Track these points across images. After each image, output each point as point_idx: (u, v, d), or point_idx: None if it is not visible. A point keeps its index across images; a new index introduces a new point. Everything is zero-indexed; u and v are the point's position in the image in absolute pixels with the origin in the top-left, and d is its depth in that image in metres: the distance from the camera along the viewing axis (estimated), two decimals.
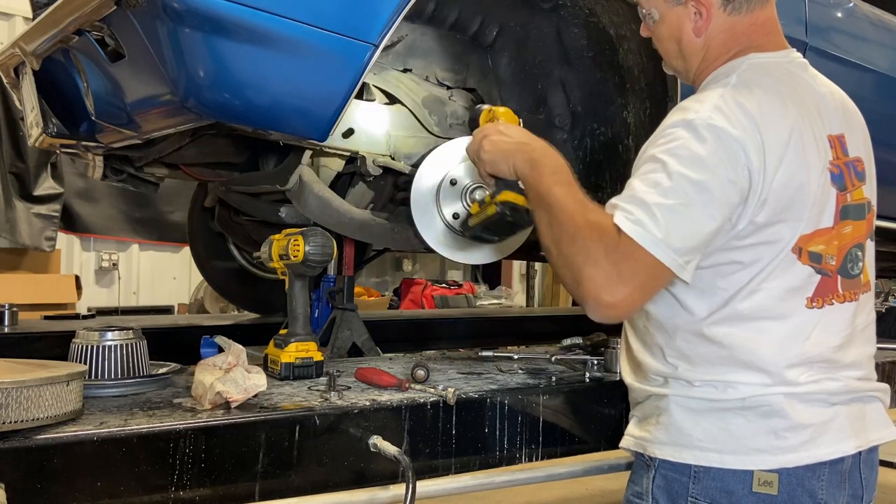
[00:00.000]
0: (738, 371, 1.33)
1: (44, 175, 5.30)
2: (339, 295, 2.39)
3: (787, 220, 1.31)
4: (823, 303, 1.36)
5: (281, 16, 1.43)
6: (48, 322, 2.81)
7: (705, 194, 1.24)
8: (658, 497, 1.40)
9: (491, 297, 7.70)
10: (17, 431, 1.16)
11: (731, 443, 1.33)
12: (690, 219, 1.24)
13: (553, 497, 3.79)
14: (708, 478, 1.34)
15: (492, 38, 2.06)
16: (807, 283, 1.35)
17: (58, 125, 1.86)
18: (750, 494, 1.32)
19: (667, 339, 1.40)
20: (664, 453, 1.39)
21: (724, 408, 1.34)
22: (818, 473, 1.32)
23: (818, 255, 1.35)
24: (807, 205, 1.32)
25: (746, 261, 1.32)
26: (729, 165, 1.25)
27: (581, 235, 1.25)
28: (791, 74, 1.42)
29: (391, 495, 1.46)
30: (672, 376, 1.39)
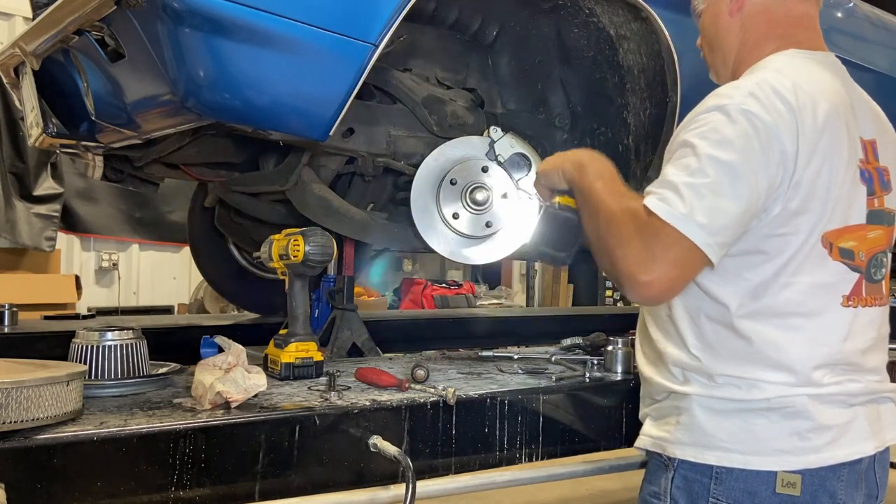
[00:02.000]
0: (763, 370, 1.33)
1: (44, 175, 5.31)
2: (339, 295, 2.39)
3: (814, 209, 1.31)
4: (858, 302, 1.37)
5: (281, 16, 1.43)
6: (48, 322, 2.81)
7: (732, 174, 1.25)
8: (677, 497, 1.39)
9: (491, 297, 7.71)
10: (17, 431, 1.16)
11: (755, 444, 1.33)
12: (716, 197, 1.25)
13: (553, 497, 3.79)
14: (731, 478, 1.34)
15: (492, 38, 2.06)
16: (841, 280, 1.35)
17: (58, 125, 1.86)
18: (773, 495, 1.32)
19: (693, 328, 1.39)
20: (685, 454, 1.38)
21: (747, 409, 1.34)
22: (838, 474, 1.33)
23: (850, 251, 1.35)
24: (835, 198, 1.33)
25: (772, 251, 1.32)
26: (759, 150, 1.26)
27: (615, 220, 1.30)
28: (830, 72, 1.43)
29: (391, 495, 1.46)
30: (693, 369, 1.39)
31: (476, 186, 1.79)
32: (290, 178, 1.95)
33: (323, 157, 1.97)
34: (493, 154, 1.81)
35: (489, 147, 1.81)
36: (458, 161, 1.80)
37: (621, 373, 1.91)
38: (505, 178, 1.81)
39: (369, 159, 1.89)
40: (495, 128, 1.85)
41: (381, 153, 1.90)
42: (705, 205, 1.24)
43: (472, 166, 1.80)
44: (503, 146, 1.82)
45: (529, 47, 2.06)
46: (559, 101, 2.10)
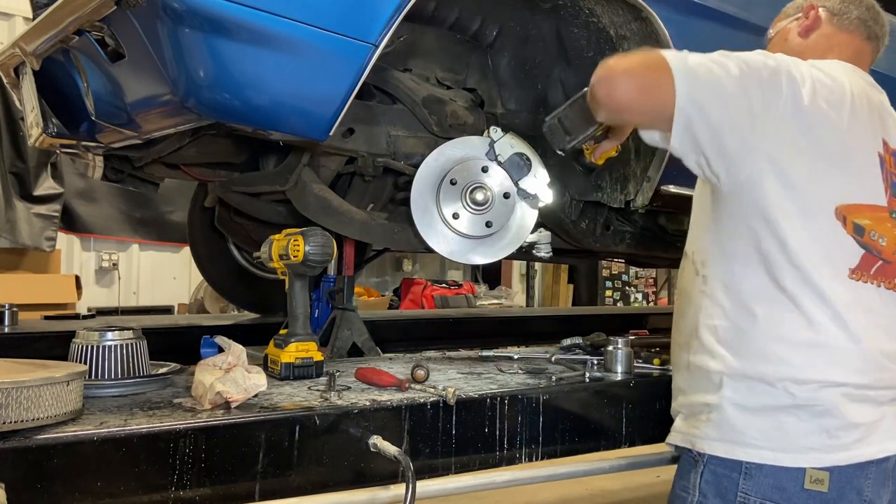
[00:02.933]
0: (793, 366, 1.36)
1: (44, 175, 5.31)
2: (339, 295, 2.39)
3: (827, 173, 1.38)
4: (869, 280, 1.40)
5: (281, 16, 1.43)
6: (48, 322, 2.81)
7: (740, 64, 1.36)
8: (706, 491, 1.42)
9: (491, 297, 7.70)
10: (17, 431, 1.16)
11: (785, 441, 1.35)
12: (717, 65, 1.36)
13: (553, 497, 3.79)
14: (760, 475, 1.36)
15: (492, 38, 2.06)
16: (852, 255, 1.39)
17: (58, 125, 1.86)
18: (801, 492, 1.34)
19: (725, 318, 1.44)
20: (715, 449, 1.41)
21: (777, 406, 1.36)
22: (866, 472, 1.35)
23: (861, 227, 1.39)
24: (849, 170, 1.39)
25: (779, 217, 1.36)
26: (774, 77, 1.37)
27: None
28: (864, 79, 1.53)
29: (391, 495, 1.46)
30: (726, 363, 1.42)
31: (476, 186, 1.79)
32: (290, 178, 1.95)
33: (323, 157, 1.97)
34: (493, 154, 1.81)
35: (489, 147, 1.81)
36: (458, 161, 1.80)
37: (621, 373, 1.91)
38: (505, 178, 1.81)
39: (369, 159, 1.89)
40: (495, 128, 1.84)
41: (381, 153, 1.90)
42: (702, 60, 1.36)
43: (472, 166, 1.80)
44: (503, 146, 1.82)
45: (529, 47, 2.06)
46: (559, 101, 2.10)
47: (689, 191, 2.13)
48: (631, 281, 9.33)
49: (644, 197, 2.09)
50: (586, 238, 2.24)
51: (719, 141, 1.36)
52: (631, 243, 2.38)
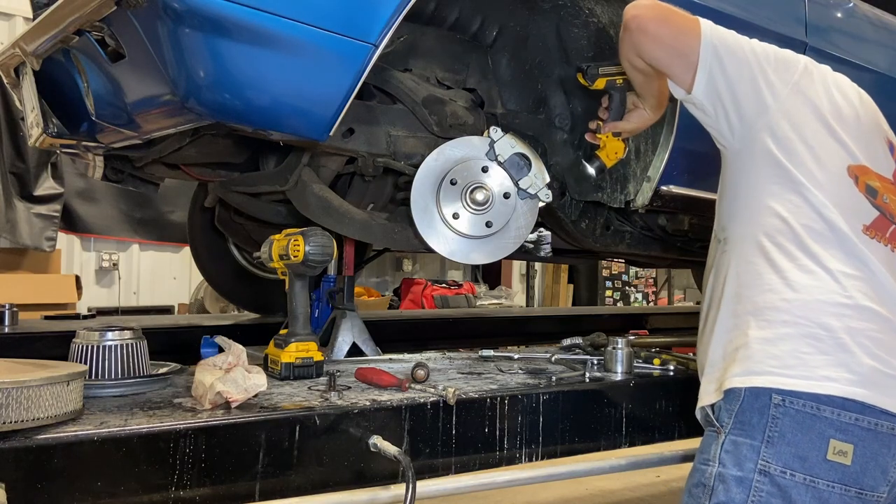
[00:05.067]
0: (812, 303, 1.40)
1: (44, 175, 5.30)
2: (339, 295, 2.39)
3: (839, 135, 1.48)
4: (884, 241, 1.45)
5: (281, 16, 1.43)
6: (48, 322, 2.81)
7: (763, 42, 1.52)
8: (725, 461, 1.39)
9: (491, 297, 7.70)
10: (17, 431, 1.16)
11: (804, 369, 1.35)
12: (742, 36, 1.51)
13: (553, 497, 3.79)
14: (782, 443, 1.35)
15: (492, 38, 2.06)
16: (865, 213, 1.45)
17: (58, 125, 1.86)
18: (823, 462, 1.33)
19: (746, 265, 1.49)
20: (734, 383, 1.40)
21: (798, 335, 1.38)
22: (893, 450, 1.34)
23: (874, 189, 1.46)
24: (860, 139, 1.49)
25: (794, 165, 1.45)
26: (794, 56, 1.54)
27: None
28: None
29: (391, 495, 1.46)
30: (752, 302, 1.46)
31: (476, 186, 1.79)
32: (290, 178, 1.95)
33: (323, 157, 1.97)
34: (493, 154, 1.81)
35: (489, 147, 1.81)
36: (458, 161, 1.80)
37: (621, 373, 1.91)
38: (505, 178, 1.81)
39: (369, 159, 1.89)
40: (495, 128, 1.84)
41: (381, 153, 1.89)
42: (731, 33, 1.50)
43: (472, 166, 1.80)
44: (503, 146, 1.82)
45: (529, 47, 2.06)
46: (559, 101, 2.10)
47: (689, 191, 2.13)
48: (631, 281, 9.33)
49: (644, 197, 2.09)
50: (586, 238, 2.24)
51: (736, 97, 1.49)
52: (631, 243, 2.38)
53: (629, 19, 1.53)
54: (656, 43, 1.52)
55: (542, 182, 1.83)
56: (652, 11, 1.52)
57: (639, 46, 1.55)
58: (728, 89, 1.49)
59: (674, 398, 1.87)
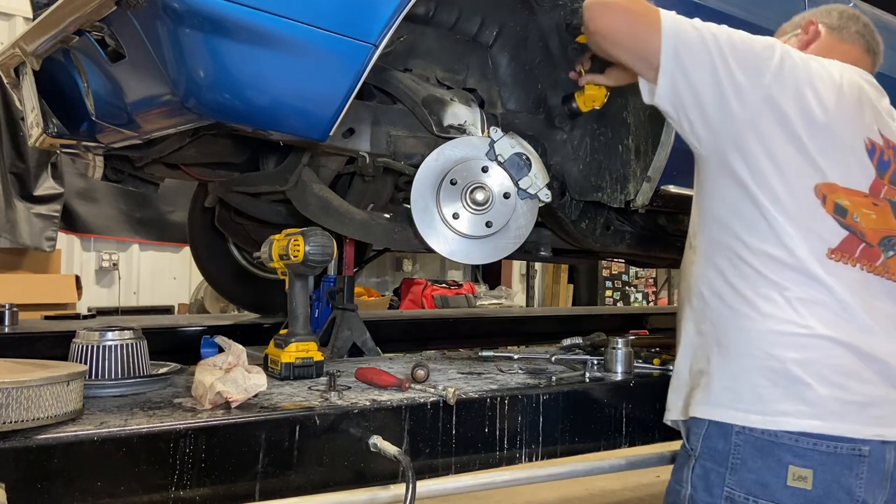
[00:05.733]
0: (769, 333, 1.39)
1: (44, 175, 5.30)
2: (339, 295, 2.39)
3: (807, 150, 1.39)
4: (851, 261, 1.40)
5: (281, 16, 1.43)
6: (48, 322, 2.81)
7: (735, 36, 1.42)
8: (696, 485, 1.43)
9: (491, 297, 7.70)
10: (17, 431, 1.16)
11: (759, 404, 1.36)
12: (710, 33, 1.42)
13: (553, 497, 3.79)
14: (744, 469, 1.37)
15: (492, 38, 2.06)
16: (832, 235, 1.40)
17: (58, 125, 1.86)
18: (784, 488, 1.34)
19: (709, 285, 1.49)
20: (698, 412, 1.44)
21: (754, 369, 1.39)
22: (856, 471, 1.34)
23: (843, 208, 1.40)
24: (830, 153, 1.40)
25: (758, 185, 1.39)
26: (767, 51, 1.42)
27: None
28: (860, 75, 1.53)
29: (391, 495, 1.46)
30: (714, 328, 1.46)
31: (476, 186, 1.78)
32: (290, 178, 1.95)
33: (323, 157, 1.97)
34: (493, 154, 1.81)
35: (489, 147, 1.81)
36: (458, 161, 1.80)
37: (621, 373, 1.91)
38: (505, 178, 1.81)
39: (369, 159, 1.89)
40: (495, 128, 1.84)
41: (381, 153, 1.89)
42: (697, 35, 1.41)
43: (472, 166, 1.80)
44: (503, 146, 1.81)
45: (529, 47, 2.06)
46: (559, 101, 2.10)
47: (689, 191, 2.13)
48: (631, 281, 9.33)
49: (644, 197, 2.09)
50: (586, 238, 2.24)
51: (701, 104, 1.41)
52: (631, 243, 2.38)
53: (587, 21, 1.49)
54: (617, 47, 1.49)
55: (542, 182, 1.83)
56: (609, 13, 1.46)
57: (600, 49, 1.55)
58: (692, 96, 1.42)
59: None
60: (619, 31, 1.46)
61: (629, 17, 1.45)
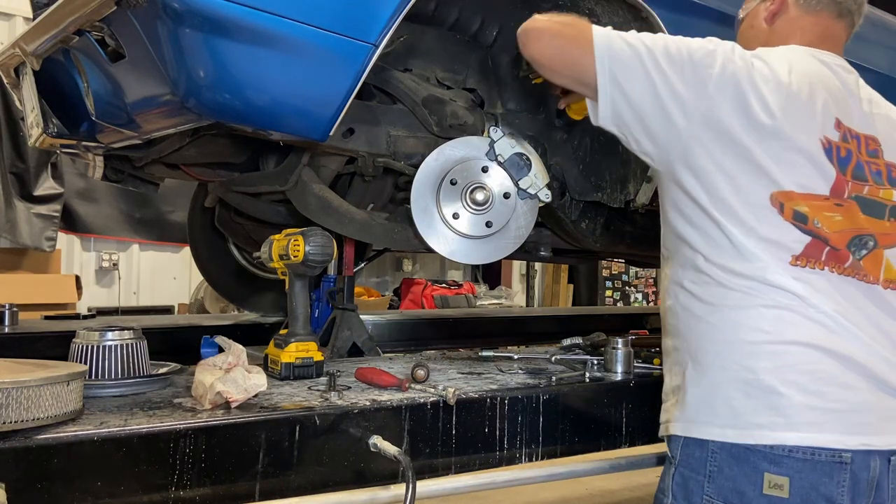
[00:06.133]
0: (740, 345, 1.38)
1: (44, 175, 5.30)
2: (339, 295, 2.39)
3: (758, 160, 1.35)
4: (818, 265, 1.36)
5: (281, 16, 1.43)
6: (48, 322, 2.80)
7: (672, 46, 1.37)
8: (677, 494, 1.43)
9: (491, 297, 7.69)
10: (17, 431, 1.16)
11: (733, 418, 1.35)
12: (644, 46, 1.37)
13: (553, 497, 3.79)
14: (721, 478, 1.35)
15: (492, 38, 2.06)
16: (794, 242, 1.35)
17: (58, 125, 1.86)
18: (760, 496, 1.32)
19: (678, 299, 1.48)
20: (676, 430, 1.44)
21: (727, 382, 1.37)
22: (836, 479, 1.29)
23: (803, 214, 1.35)
24: (782, 158, 1.35)
25: (712, 198, 1.37)
26: (707, 59, 1.37)
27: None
28: (824, 65, 1.48)
29: (391, 495, 1.46)
30: (685, 343, 1.46)
31: (476, 186, 1.79)
32: (290, 178, 1.95)
33: (323, 157, 1.97)
34: (493, 154, 1.81)
35: (489, 147, 1.81)
36: (458, 161, 1.80)
37: (621, 373, 1.91)
38: (505, 178, 1.81)
39: (369, 159, 1.89)
40: (495, 128, 1.84)
41: (381, 153, 1.90)
42: (631, 50, 1.37)
43: (472, 166, 1.80)
44: (503, 146, 1.81)
45: None
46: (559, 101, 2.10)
47: None
48: (631, 281, 9.32)
49: (644, 197, 2.09)
50: (586, 238, 2.24)
51: (643, 122, 1.39)
52: (631, 243, 2.38)
53: (521, 47, 1.47)
54: (553, 74, 1.48)
55: (542, 182, 1.83)
56: (538, 40, 1.43)
57: (543, 74, 1.52)
58: (634, 115, 1.38)
59: None
60: (551, 59, 1.44)
61: (558, 41, 1.41)
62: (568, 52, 1.41)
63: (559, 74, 1.47)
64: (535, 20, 1.45)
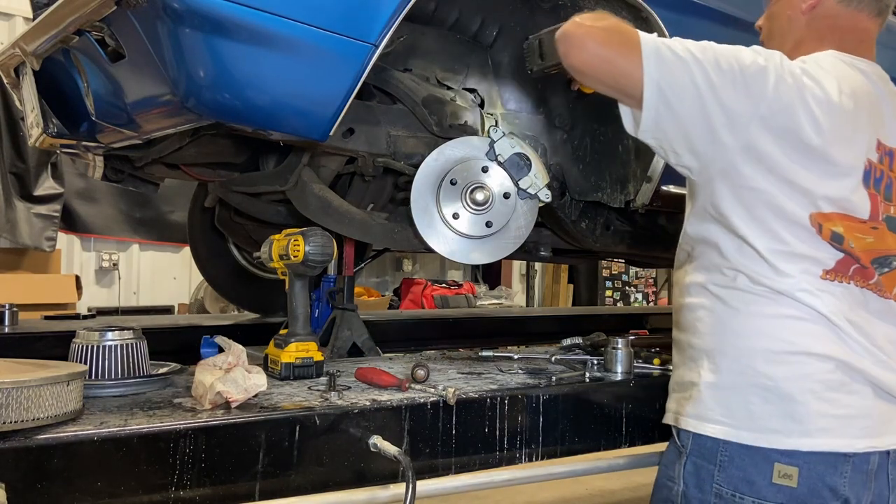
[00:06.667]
0: (761, 350, 1.40)
1: (44, 175, 5.30)
2: (339, 295, 2.39)
3: (801, 181, 1.34)
4: (845, 279, 1.40)
5: (281, 16, 1.43)
6: (48, 322, 2.80)
7: (722, 58, 1.33)
8: (688, 482, 1.45)
9: (491, 297, 7.69)
10: (17, 431, 1.16)
11: (750, 421, 1.37)
12: (693, 58, 1.32)
13: (553, 497, 3.79)
14: (732, 467, 1.39)
15: (492, 38, 2.06)
16: (828, 258, 1.38)
17: (58, 125, 1.86)
18: (770, 486, 1.36)
19: (702, 299, 1.49)
20: (689, 425, 1.46)
21: (746, 385, 1.39)
22: (840, 470, 1.35)
23: (839, 235, 1.37)
24: (826, 181, 1.35)
25: (751, 214, 1.37)
26: (759, 76, 1.33)
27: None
28: (863, 75, 1.46)
29: (391, 495, 1.46)
30: (704, 342, 1.47)
31: (476, 186, 1.78)
32: (290, 178, 1.95)
33: (323, 157, 1.97)
34: (493, 154, 1.81)
35: (489, 147, 1.81)
36: (458, 161, 1.80)
37: (621, 373, 1.91)
38: (505, 178, 1.81)
39: (369, 159, 1.89)
40: (495, 128, 1.84)
41: (381, 153, 1.90)
42: (680, 62, 1.31)
43: (472, 166, 1.80)
44: (503, 146, 1.81)
45: None
46: (559, 101, 2.10)
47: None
48: (631, 281, 9.32)
49: (644, 197, 2.09)
50: (586, 238, 2.24)
51: (688, 136, 1.36)
52: (631, 243, 2.38)
53: (561, 55, 1.40)
54: (595, 83, 1.43)
55: (542, 182, 1.83)
56: (584, 49, 1.36)
57: (582, 82, 1.49)
58: (678, 130, 1.36)
59: None
60: (596, 69, 1.38)
61: (605, 51, 1.35)
62: (615, 64, 1.35)
63: (602, 84, 1.41)
64: (577, 25, 1.38)
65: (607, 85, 1.40)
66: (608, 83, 1.39)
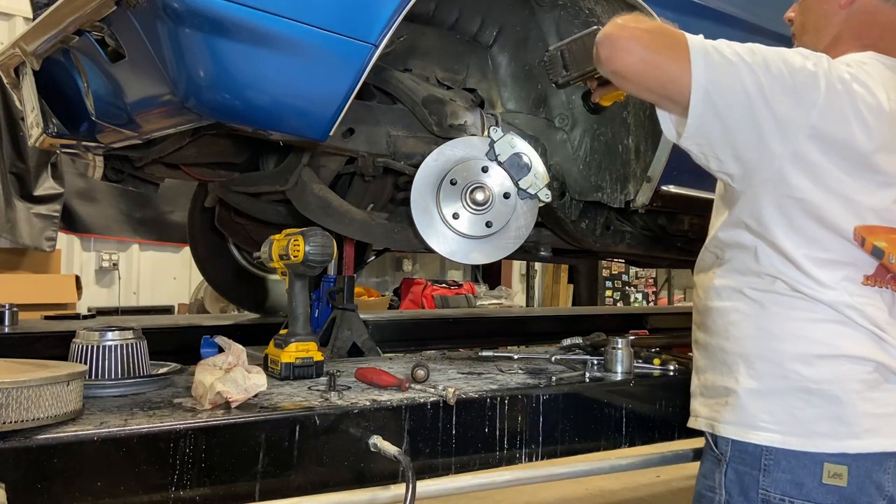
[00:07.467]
0: (804, 353, 1.38)
1: (44, 175, 5.30)
2: (339, 295, 2.39)
3: (847, 193, 1.32)
4: (884, 284, 1.38)
5: (281, 16, 1.43)
6: (48, 322, 2.80)
7: (772, 63, 1.28)
8: (731, 490, 1.42)
9: (491, 297, 7.70)
10: (17, 431, 1.16)
11: (796, 426, 1.35)
12: (742, 61, 1.27)
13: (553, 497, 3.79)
14: (778, 470, 1.36)
15: (492, 38, 2.06)
16: (868, 266, 1.37)
17: (58, 125, 1.86)
18: (820, 486, 1.34)
19: (739, 303, 1.45)
20: (730, 433, 1.42)
21: (789, 390, 1.37)
22: (884, 466, 1.35)
23: (881, 250, 1.34)
24: (873, 193, 1.33)
25: (792, 224, 1.34)
26: (809, 82, 1.28)
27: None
28: None
29: (391, 495, 1.46)
30: (741, 346, 1.43)
31: (476, 186, 1.78)
32: (290, 178, 1.95)
33: (323, 157, 1.97)
34: (493, 154, 1.81)
35: (489, 147, 1.81)
36: (458, 161, 1.80)
37: (621, 373, 1.91)
38: (505, 178, 1.81)
39: (369, 159, 1.89)
40: (495, 128, 1.84)
41: (381, 153, 1.90)
42: (729, 65, 1.27)
43: (472, 166, 1.80)
44: (503, 146, 1.81)
45: (529, 47, 2.06)
46: (559, 101, 2.10)
47: (689, 191, 2.13)
48: (631, 281, 9.33)
49: (644, 197, 2.09)
50: (586, 238, 2.24)
51: (734, 144, 1.31)
52: (631, 243, 2.38)
53: (602, 60, 1.33)
54: (640, 90, 1.35)
55: (542, 182, 1.83)
56: (629, 54, 1.29)
57: (623, 88, 1.42)
58: (724, 137, 1.31)
59: (674, 398, 1.86)
60: (642, 75, 1.30)
61: (653, 56, 1.28)
62: (663, 69, 1.28)
63: (647, 91, 1.34)
64: (620, 27, 1.31)
65: (652, 91, 1.33)
66: (654, 89, 1.33)
